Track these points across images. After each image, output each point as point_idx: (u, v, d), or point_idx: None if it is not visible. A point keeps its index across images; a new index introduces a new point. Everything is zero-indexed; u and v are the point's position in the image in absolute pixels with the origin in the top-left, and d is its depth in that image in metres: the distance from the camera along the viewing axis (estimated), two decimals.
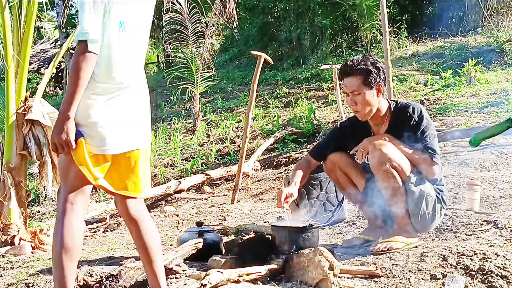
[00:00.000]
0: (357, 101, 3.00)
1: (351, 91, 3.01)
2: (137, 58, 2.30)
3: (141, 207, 2.32)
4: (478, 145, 5.45)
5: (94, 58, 2.08)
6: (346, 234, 3.67)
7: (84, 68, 2.07)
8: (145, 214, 2.32)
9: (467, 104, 8.23)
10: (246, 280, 2.48)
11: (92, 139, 2.15)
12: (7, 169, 4.16)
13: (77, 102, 2.09)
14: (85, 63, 2.07)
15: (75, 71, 2.07)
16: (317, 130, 8.64)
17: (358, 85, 2.98)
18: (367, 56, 3.09)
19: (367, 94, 2.98)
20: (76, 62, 2.07)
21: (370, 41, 13.11)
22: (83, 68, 2.07)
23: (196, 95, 10.48)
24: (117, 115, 2.19)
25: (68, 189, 2.19)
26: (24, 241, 4.08)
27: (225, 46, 18.78)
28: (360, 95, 2.99)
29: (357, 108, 3.03)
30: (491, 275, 2.43)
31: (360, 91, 2.98)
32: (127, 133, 2.23)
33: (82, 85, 2.08)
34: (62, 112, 2.10)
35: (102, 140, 2.16)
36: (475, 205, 3.68)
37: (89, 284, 2.74)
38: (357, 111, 3.05)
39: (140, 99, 2.31)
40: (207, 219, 4.79)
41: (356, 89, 2.99)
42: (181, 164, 8.60)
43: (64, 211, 2.17)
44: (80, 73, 2.07)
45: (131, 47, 2.24)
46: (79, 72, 2.07)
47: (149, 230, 2.30)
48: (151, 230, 2.31)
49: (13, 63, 4.18)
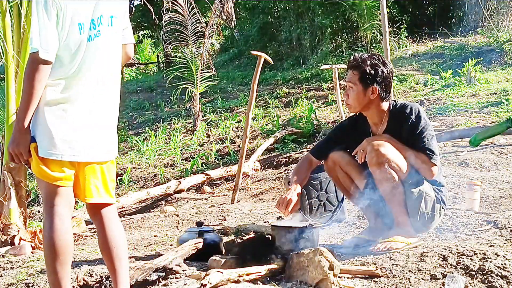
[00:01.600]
0: (349, 94, 3.08)
1: (348, 83, 3.08)
2: (106, 63, 2.25)
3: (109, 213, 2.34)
4: (478, 145, 5.46)
5: (46, 67, 2.06)
6: (346, 234, 3.67)
7: (37, 77, 2.05)
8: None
9: (467, 104, 8.23)
10: (246, 280, 2.48)
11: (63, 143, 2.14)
12: (7, 169, 4.15)
13: (31, 111, 2.08)
14: (38, 72, 2.05)
15: (28, 81, 2.05)
16: (317, 130, 8.64)
17: (354, 80, 3.04)
18: (375, 55, 3.09)
19: (359, 91, 3.02)
20: (29, 72, 2.05)
21: (370, 41, 13.10)
22: (36, 78, 2.05)
23: (196, 95, 10.49)
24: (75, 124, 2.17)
25: (46, 194, 2.19)
26: (24, 241, 4.08)
27: (225, 46, 18.77)
28: (353, 90, 3.05)
29: (347, 101, 3.12)
30: (491, 275, 2.43)
31: (354, 86, 3.03)
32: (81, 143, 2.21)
33: (36, 95, 2.06)
34: (16, 122, 2.10)
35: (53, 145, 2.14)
36: (475, 205, 3.68)
37: (89, 284, 2.73)
38: (347, 104, 3.14)
39: (105, 109, 2.27)
40: (207, 219, 4.79)
41: (351, 83, 3.05)
42: (181, 164, 8.60)
43: (48, 216, 2.17)
44: (33, 83, 2.05)
45: (99, 50, 2.20)
46: (32, 82, 2.05)
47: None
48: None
49: (13, 63, 4.17)
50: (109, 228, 2.30)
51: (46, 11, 2.06)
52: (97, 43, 2.19)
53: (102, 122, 2.27)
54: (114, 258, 2.28)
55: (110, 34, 2.25)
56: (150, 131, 11.03)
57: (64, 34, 2.11)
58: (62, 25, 2.10)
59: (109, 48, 2.25)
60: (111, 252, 2.28)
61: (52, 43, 2.06)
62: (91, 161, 2.25)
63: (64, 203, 2.19)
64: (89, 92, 2.20)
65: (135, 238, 4.27)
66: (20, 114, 2.09)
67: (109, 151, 2.31)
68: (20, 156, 2.13)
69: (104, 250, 2.30)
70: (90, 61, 2.18)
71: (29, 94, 2.05)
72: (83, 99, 2.19)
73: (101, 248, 2.32)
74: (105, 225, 2.30)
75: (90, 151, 2.22)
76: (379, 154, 2.89)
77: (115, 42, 2.29)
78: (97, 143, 2.25)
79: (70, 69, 2.14)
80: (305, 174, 3.25)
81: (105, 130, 2.29)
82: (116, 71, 2.31)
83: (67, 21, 2.11)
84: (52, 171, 2.14)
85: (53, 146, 2.13)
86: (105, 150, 2.29)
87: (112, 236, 2.29)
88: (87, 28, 2.16)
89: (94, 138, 2.23)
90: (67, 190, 2.21)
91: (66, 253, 2.15)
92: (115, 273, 2.29)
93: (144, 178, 8.30)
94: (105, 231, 2.29)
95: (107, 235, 2.29)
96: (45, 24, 2.06)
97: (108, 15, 2.24)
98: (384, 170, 2.89)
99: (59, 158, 2.14)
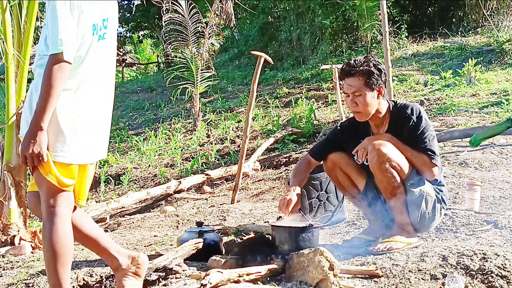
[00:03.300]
0: (358, 102, 2.99)
1: (352, 91, 2.99)
2: (109, 65, 2.28)
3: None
4: (478, 145, 5.45)
5: (68, 67, 2.04)
6: (346, 234, 3.67)
7: (59, 78, 2.02)
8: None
9: (467, 104, 8.23)
10: (246, 280, 2.48)
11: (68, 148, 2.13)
12: (7, 169, 4.15)
13: (51, 112, 2.03)
14: (60, 72, 2.02)
15: (48, 81, 2.02)
16: (317, 130, 8.64)
17: (360, 86, 2.96)
18: (369, 57, 3.07)
19: (368, 96, 2.97)
20: (50, 71, 2.02)
21: (370, 41, 13.11)
22: (58, 78, 2.02)
23: (196, 95, 10.49)
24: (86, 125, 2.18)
25: (47, 194, 2.16)
26: (24, 241, 4.08)
27: (225, 46, 18.80)
28: (361, 96, 2.97)
29: (357, 109, 3.01)
30: (491, 275, 2.43)
31: (361, 92, 2.96)
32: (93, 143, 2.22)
33: (56, 95, 2.02)
34: (34, 123, 2.03)
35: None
36: (475, 205, 3.68)
37: (89, 284, 2.73)
38: (357, 112, 3.03)
39: (106, 110, 2.29)
40: (207, 219, 4.79)
41: (357, 90, 2.97)
42: (181, 164, 8.60)
43: (48, 216, 2.15)
44: (55, 83, 2.01)
45: (104, 52, 2.22)
46: (54, 82, 2.01)
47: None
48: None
49: (13, 63, 4.17)
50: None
51: (71, 12, 2.05)
52: (103, 44, 2.23)
53: (103, 122, 2.28)
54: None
55: (111, 35, 2.29)
56: (150, 131, 11.04)
57: (81, 35, 2.12)
58: (81, 27, 2.10)
59: (111, 48, 2.30)
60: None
61: (73, 44, 2.06)
62: (92, 162, 2.26)
63: (65, 203, 2.19)
64: (95, 92, 2.21)
65: (135, 238, 4.27)
66: (40, 115, 2.02)
67: (105, 150, 2.34)
68: (36, 159, 2.05)
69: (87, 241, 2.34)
70: (97, 61, 2.20)
71: (50, 95, 2.01)
72: (91, 99, 2.20)
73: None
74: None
75: (90, 151, 2.23)
76: (380, 154, 2.88)
77: (114, 42, 2.33)
78: (98, 143, 2.27)
79: (82, 69, 2.15)
80: (304, 174, 3.24)
81: (105, 130, 2.31)
82: (113, 71, 2.34)
83: (85, 23, 2.12)
84: (61, 175, 2.13)
85: (66, 149, 2.12)
86: (103, 150, 2.31)
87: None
88: (98, 29, 2.19)
89: (96, 138, 2.25)
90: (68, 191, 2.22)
91: (67, 253, 2.15)
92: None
93: (144, 178, 8.30)
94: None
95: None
96: (67, 25, 2.04)
97: (111, 17, 2.28)
98: (385, 170, 2.88)
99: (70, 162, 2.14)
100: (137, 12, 23.90)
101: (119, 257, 2.31)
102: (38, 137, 2.03)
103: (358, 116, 3.06)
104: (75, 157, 2.14)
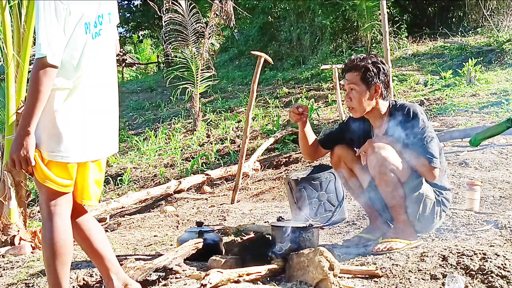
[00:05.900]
0: (352, 97, 3.03)
1: (348, 85, 3.04)
2: (106, 61, 2.26)
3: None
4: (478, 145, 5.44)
5: (54, 71, 2.03)
6: (346, 234, 3.67)
7: (44, 82, 2.01)
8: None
9: (467, 104, 8.23)
10: (246, 280, 2.48)
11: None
12: (7, 169, 4.16)
13: (38, 117, 2.03)
14: (45, 77, 2.01)
15: (35, 86, 2.01)
16: (317, 130, 8.64)
17: (356, 81, 3.00)
18: (373, 55, 3.09)
19: (362, 92, 3.00)
20: (37, 77, 2.00)
21: (370, 41, 13.11)
22: (43, 82, 2.00)
23: (196, 95, 10.49)
24: (82, 123, 2.17)
25: (46, 194, 2.17)
26: (24, 241, 4.08)
27: (225, 46, 18.79)
28: (355, 91, 3.01)
29: (351, 104, 3.05)
30: (491, 275, 2.43)
31: (357, 87, 3.00)
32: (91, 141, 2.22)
33: (42, 100, 2.02)
34: (21, 127, 2.04)
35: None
36: (475, 205, 3.68)
37: (89, 284, 2.74)
38: (351, 107, 3.07)
39: (108, 106, 2.28)
40: (207, 219, 4.79)
41: (352, 84, 3.01)
42: (181, 164, 8.60)
43: (48, 216, 2.15)
44: (41, 88, 2.00)
45: (101, 48, 2.21)
46: (40, 87, 2.00)
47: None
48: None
49: (13, 63, 4.18)
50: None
51: (56, 14, 2.03)
52: (99, 41, 2.20)
53: (105, 119, 2.27)
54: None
55: (109, 31, 2.27)
56: (150, 131, 11.03)
57: (73, 37, 2.10)
58: (69, 28, 2.08)
59: (108, 44, 2.27)
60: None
61: (60, 48, 2.04)
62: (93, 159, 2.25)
63: (64, 202, 2.19)
64: (94, 90, 2.20)
65: (135, 238, 4.27)
66: (27, 119, 2.02)
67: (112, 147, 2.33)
68: (24, 163, 2.06)
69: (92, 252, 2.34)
70: (94, 59, 2.18)
71: (37, 99, 2.01)
72: (90, 97, 2.19)
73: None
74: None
75: (89, 149, 2.22)
76: (379, 157, 2.88)
77: (112, 38, 2.31)
78: (99, 140, 2.26)
79: (76, 70, 2.14)
80: (314, 141, 3.26)
81: (109, 127, 2.29)
82: (114, 67, 2.32)
83: (74, 24, 2.10)
84: (57, 176, 2.13)
85: (63, 148, 2.12)
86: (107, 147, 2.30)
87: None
88: (91, 27, 2.16)
89: (97, 136, 2.24)
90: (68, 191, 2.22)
91: (66, 253, 2.15)
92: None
93: (144, 178, 8.29)
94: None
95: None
96: (53, 28, 2.02)
97: (107, 12, 2.25)
98: (384, 173, 2.89)
99: (68, 160, 2.14)
100: (137, 12, 23.93)
101: (115, 281, 2.32)
102: (26, 141, 2.04)
103: (352, 112, 3.09)
104: (72, 155, 2.14)
